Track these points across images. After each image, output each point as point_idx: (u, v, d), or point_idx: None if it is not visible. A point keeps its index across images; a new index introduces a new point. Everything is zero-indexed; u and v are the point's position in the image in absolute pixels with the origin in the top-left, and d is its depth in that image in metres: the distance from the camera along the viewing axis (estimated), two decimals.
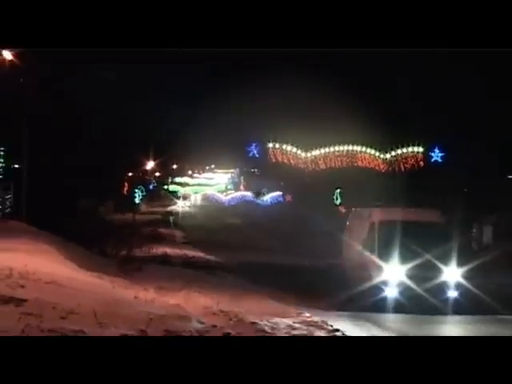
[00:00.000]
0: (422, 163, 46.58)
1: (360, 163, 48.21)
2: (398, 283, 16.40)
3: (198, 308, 13.05)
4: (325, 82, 33.88)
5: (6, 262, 12.24)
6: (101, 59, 31.00)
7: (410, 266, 16.31)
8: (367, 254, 17.55)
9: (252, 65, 42.05)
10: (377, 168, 48.21)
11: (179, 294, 15.48)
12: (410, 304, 15.77)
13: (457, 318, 15.62)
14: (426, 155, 46.36)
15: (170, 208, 77.02)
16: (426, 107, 40.64)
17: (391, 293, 16.37)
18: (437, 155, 46.16)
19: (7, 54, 22.13)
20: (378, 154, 48.57)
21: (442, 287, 16.40)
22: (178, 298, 14.30)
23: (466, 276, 16.87)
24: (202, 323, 10.35)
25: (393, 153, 48.05)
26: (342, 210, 46.12)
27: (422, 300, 15.84)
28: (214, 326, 10.09)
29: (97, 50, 19.20)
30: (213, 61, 46.05)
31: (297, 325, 12.15)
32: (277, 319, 12.49)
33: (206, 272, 22.41)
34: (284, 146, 48.32)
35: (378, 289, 16.45)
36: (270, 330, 11.03)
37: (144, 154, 60.06)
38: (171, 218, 59.96)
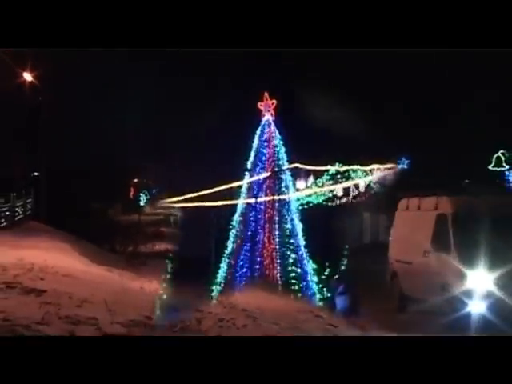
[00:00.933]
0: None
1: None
2: (486, 295, 11.39)
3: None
4: (306, 95, 33.89)
5: (28, 258, 12.26)
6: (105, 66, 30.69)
7: (500, 272, 11.37)
8: (439, 255, 12.51)
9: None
10: None
11: None
12: (501, 323, 10.74)
13: None
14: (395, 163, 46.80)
15: (170, 210, 76.77)
16: (391, 118, 40.85)
17: (477, 308, 11.34)
18: (403, 162, 46.56)
19: (27, 76, 22.06)
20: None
21: None
22: None
23: None
24: (199, 311, 10.39)
25: None
26: None
27: None
28: (210, 313, 10.13)
29: (97, 51, 18.31)
30: (212, 72, 45.18)
31: (283, 311, 12.22)
32: (265, 306, 12.55)
33: None
34: None
35: (459, 302, 11.47)
36: (258, 316, 11.09)
37: (148, 162, 59.93)
38: (172, 219, 59.80)
